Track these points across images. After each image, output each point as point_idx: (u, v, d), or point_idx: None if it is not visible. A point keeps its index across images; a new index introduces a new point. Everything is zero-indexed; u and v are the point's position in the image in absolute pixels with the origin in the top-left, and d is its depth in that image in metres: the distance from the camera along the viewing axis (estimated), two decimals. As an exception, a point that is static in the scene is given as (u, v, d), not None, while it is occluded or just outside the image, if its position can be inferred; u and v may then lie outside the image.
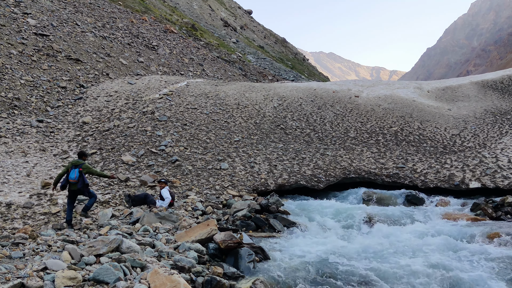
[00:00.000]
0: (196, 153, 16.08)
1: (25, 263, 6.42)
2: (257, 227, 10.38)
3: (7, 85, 18.28)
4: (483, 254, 7.91)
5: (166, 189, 11.58)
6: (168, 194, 11.45)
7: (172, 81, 24.48)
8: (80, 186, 10.19)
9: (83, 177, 10.25)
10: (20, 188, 12.25)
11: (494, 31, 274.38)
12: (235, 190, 13.71)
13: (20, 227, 10.24)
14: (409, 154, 16.86)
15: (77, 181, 10.13)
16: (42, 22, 25.16)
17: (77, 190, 10.25)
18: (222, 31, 59.57)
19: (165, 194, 11.41)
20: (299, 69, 65.37)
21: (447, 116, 21.30)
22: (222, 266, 7.10)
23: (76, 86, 21.50)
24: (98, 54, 26.00)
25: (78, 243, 7.61)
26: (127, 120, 18.32)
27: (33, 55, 21.56)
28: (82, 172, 10.24)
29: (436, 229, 9.81)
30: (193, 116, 19.24)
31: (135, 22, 36.04)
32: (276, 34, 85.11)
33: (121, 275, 5.76)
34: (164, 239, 8.41)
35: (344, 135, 18.88)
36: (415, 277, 6.96)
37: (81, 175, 10.19)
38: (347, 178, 15.42)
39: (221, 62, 40.51)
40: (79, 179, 10.14)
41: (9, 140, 15.29)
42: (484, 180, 13.93)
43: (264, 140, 17.92)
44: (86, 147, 15.93)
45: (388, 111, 21.52)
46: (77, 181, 10.12)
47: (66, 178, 10.23)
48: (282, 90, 24.09)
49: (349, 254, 8.13)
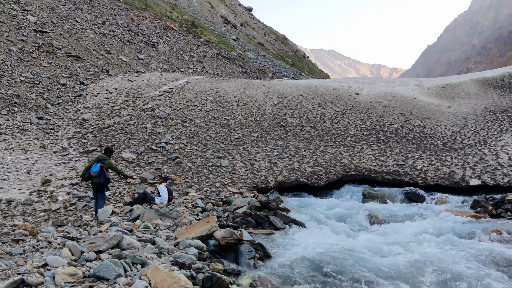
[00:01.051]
0: (196, 150, 16.07)
1: (25, 259, 6.42)
2: (257, 224, 10.38)
3: (7, 82, 18.26)
4: (483, 251, 7.91)
5: (163, 185, 11.61)
6: (164, 190, 11.47)
7: (172, 78, 24.46)
8: (102, 180, 10.84)
9: (104, 172, 10.83)
10: (20, 185, 12.25)
11: (494, 28, 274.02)
12: (235, 187, 13.72)
13: (20, 224, 10.25)
14: (409, 151, 16.86)
15: (98, 175, 10.81)
16: (42, 19, 25.12)
17: (97, 184, 10.86)
18: (222, 28, 59.49)
19: (162, 190, 11.45)
20: (299, 67, 65.28)
21: (448, 113, 21.29)
22: (223, 263, 7.10)
23: (76, 83, 21.48)
24: (98, 51, 25.97)
25: (78, 239, 7.61)
26: (127, 117, 18.31)
27: (33, 52, 21.53)
28: (104, 167, 10.84)
29: (436, 226, 9.82)
30: (193, 113, 19.23)
31: (135, 19, 35.98)
32: (276, 31, 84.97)
33: (122, 271, 5.76)
34: (165, 235, 8.42)
35: (344, 132, 18.87)
36: (414, 274, 6.96)
37: (101, 170, 10.80)
38: (347, 175, 15.41)
39: (221, 59, 40.47)
40: (99, 173, 10.79)
41: (9, 137, 15.28)
42: (484, 177, 13.93)
43: (264, 137, 17.91)
44: (86, 144, 15.93)
45: (389, 109, 21.51)
46: (97, 175, 10.84)
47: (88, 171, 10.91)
48: (282, 88, 24.07)
49: (349, 251, 8.12)
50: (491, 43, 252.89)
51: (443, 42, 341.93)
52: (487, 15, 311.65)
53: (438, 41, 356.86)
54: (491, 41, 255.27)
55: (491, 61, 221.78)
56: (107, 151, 11.49)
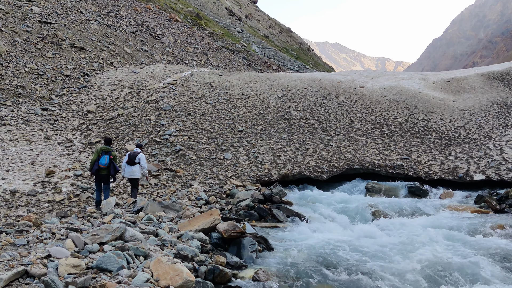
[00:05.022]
0: (199, 142, 16.08)
1: (29, 250, 6.46)
2: (260, 217, 10.40)
3: (11, 73, 18.29)
4: (487, 246, 7.90)
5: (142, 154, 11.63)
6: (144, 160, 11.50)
7: (176, 70, 24.42)
8: (112, 172, 10.99)
9: (113, 164, 10.99)
10: (25, 176, 12.30)
11: (501, 22, 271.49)
12: (238, 180, 13.73)
13: (24, 214, 10.30)
14: (414, 145, 16.80)
15: (108, 167, 10.93)
16: (46, 10, 25.08)
17: (106, 175, 11.01)
18: (227, 20, 59.25)
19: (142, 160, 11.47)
20: (304, 59, 65.00)
21: (452, 107, 21.18)
22: (225, 256, 7.12)
23: (80, 74, 21.49)
24: (103, 43, 25.94)
25: (82, 231, 7.64)
26: (131, 109, 18.32)
27: (37, 43, 21.53)
28: (113, 160, 11.00)
29: (440, 221, 9.80)
30: (197, 106, 19.21)
31: (140, 11, 35.87)
32: (281, 24, 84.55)
33: (124, 263, 5.79)
34: (168, 228, 8.45)
35: (349, 126, 18.81)
36: (417, 268, 6.96)
37: (111, 162, 10.94)
38: (351, 169, 15.38)
39: (225, 52, 40.35)
40: (109, 165, 10.92)
41: (14, 128, 15.33)
42: (489, 172, 13.87)
43: (268, 130, 17.89)
44: (90, 136, 15.96)
45: (393, 102, 21.41)
46: (107, 167, 10.92)
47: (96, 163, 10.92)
48: (286, 81, 23.98)
49: (352, 245, 8.13)
50: (497, 37, 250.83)
51: (449, 35, 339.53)
52: (493, 9, 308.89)
53: (444, 35, 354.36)
54: (497, 35, 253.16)
55: (497, 55, 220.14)
56: (109, 142, 11.43)
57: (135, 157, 11.33)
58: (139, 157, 11.36)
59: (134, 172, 11.30)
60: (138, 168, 11.34)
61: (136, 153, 11.43)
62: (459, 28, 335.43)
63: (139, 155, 11.39)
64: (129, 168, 11.32)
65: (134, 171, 11.30)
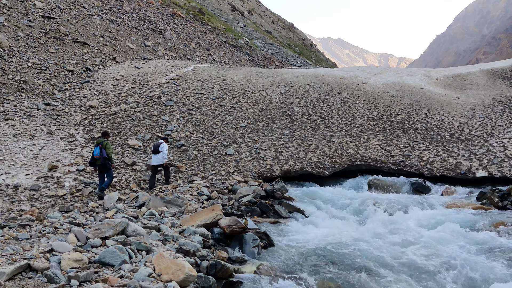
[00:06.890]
0: (202, 138, 16.09)
1: (31, 244, 6.49)
2: (262, 212, 10.42)
3: (14, 68, 18.31)
4: (488, 243, 7.90)
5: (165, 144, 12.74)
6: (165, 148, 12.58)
7: (179, 65, 24.40)
8: (102, 161, 11.45)
9: (103, 153, 11.49)
10: (27, 170, 12.34)
11: (505, 19, 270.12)
12: (240, 176, 13.74)
13: (27, 209, 10.34)
14: (416, 142, 16.77)
15: (99, 157, 11.46)
16: (49, 5, 25.06)
17: (101, 165, 11.50)
18: (230, 16, 59.11)
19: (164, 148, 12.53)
20: (307, 55, 64.87)
21: (455, 104, 21.12)
22: (227, 251, 7.15)
23: (83, 69, 21.50)
24: (105, 38, 25.93)
25: (84, 225, 7.67)
26: (134, 105, 18.32)
27: (40, 38, 21.53)
28: (103, 149, 11.52)
29: (441, 217, 9.79)
30: (199, 101, 19.21)
31: (142, 6, 35.82)
32: (284, 19, 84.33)
33: (127, 258, 5.81)
34: (170, 223, 8.47)
35: (351, 122, 18.79)
36: (418, 264, 6.97)
37: (101, 151, 11.48)
38: (353, 165, 15.38)
39: (228, 47, 40.29)
40: (100, 155, 11.46)
41: (17, 123, 15.36)
42: (491, 169, 13.85)
43: (270, 126, 17.88)
44: (92, 131, 15.98)
45: (396, 99, 21.36)
46: (99, 157, 11.47)
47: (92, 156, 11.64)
48: (289, 76, 23.94)
49: (353, 241, 8.14)
50: (501, 33, 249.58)
51: (452, 32, 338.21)
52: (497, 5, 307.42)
53: (447, 31, 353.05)
54: (501, 32, 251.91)
55: (500, 51, 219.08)
56: (105, 135, 12.22)
57: (159, 146, 12.51)
58: (162, 146, 12.50)
59: (159, 159, 12.45)
60: (161, 156, 12.45)
61: (159, 143, 12.60)
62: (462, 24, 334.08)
63: (162, 144, 12.54)
64: (154, 156, 12.49)
65: (159, 159, 12.44)
